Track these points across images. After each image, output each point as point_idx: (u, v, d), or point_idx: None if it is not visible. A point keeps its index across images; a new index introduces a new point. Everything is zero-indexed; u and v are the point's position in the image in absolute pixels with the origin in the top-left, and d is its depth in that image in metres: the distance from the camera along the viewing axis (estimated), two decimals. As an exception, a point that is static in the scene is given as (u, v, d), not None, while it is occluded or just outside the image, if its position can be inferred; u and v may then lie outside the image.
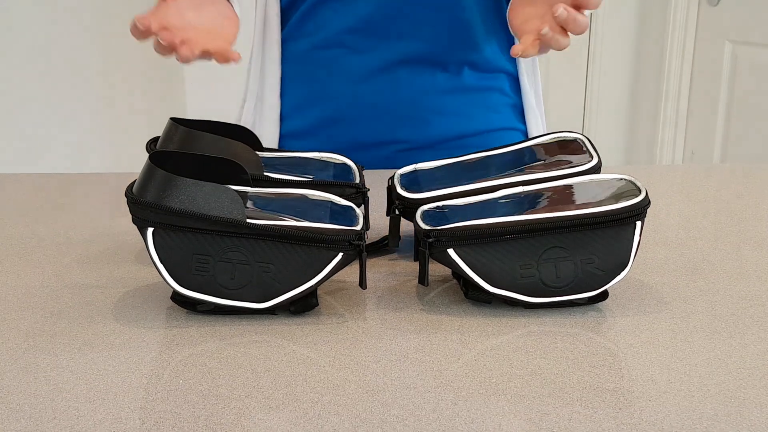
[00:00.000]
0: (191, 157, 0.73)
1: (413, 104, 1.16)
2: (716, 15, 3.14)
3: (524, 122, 1.27)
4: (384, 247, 0.87)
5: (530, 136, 1.24)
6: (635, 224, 0.71)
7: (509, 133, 1.23)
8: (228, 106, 1.49)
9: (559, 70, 3.41)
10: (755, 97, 2.93)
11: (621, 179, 0.76)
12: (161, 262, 0.68)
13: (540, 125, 1.28)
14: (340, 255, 0.70)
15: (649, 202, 0.72)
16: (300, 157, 0.88)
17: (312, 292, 0.71)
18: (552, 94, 3.40)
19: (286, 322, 0.71)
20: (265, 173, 0.81)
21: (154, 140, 0.84)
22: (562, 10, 0.84)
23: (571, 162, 0.81)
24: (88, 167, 2.87)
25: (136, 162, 0.80)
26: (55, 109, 2.82)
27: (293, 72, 1.22)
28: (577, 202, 0.73)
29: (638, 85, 3.55)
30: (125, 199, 0.69)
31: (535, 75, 1.27)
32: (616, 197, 0.72)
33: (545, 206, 0.73)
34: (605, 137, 3.56)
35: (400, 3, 1.14)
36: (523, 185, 0.78)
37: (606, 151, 3.39)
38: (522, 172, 0.81)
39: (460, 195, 0.79)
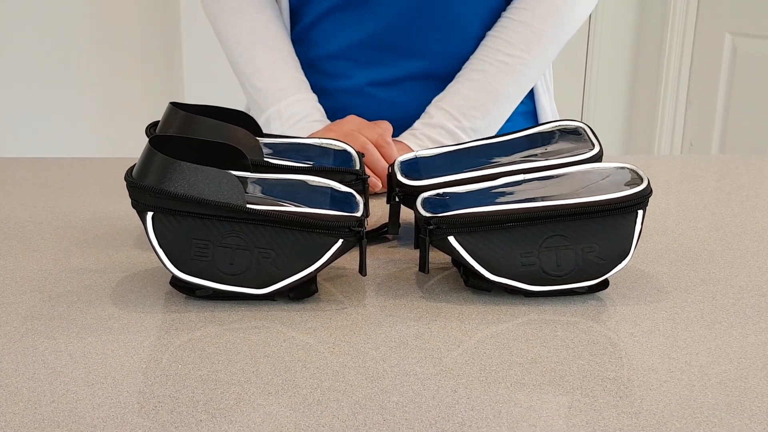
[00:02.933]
0: (191, 142, 0.73)
1: (417, 119, 1.15)
2: (716, 6, 3.13)
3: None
4: (384, 234, 0.87)
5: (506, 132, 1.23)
6: (637, 213, 0.71)
7: None
8: (226, 93, 1.49)
9: (558, 60, 3.40)
10: (754, 89, 2.92)
11: (623, 168, 0.76)
12: (160, 246, 0.68)
13: None
14: (340, 241, 0.69)
15: (651, 190, 0.72)
16: (300, 143, 0.88)
17: (311, 279, 0.71)
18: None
19: (286, 308, 0.70)
20: (265, 159, 0.81)
21: (154, 124, 0.84)
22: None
23: (573, 150, 0.81)
24: (87, 151, 2.87)
25: (136, 146, 0.80)
26: (54, 94, 2.81)
27: None
28: (579, 191, 0.73)
29: (637, 76, 3.54)
30: (125, 183, 0.69)
31: (549, 76, 1.27)
32: (618, 186, 0.72)
33: (546, 194, 0.73)
34: (604, 127, 3.55)
35: (408, 19, 1.13)
36: (524, 173, 0.78)
37: (604, 141, 3.38)
38: (523, 159, 0.81)
39: (461, 182, 0.78)
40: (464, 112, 1.10)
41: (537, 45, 1.12)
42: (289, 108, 1.12)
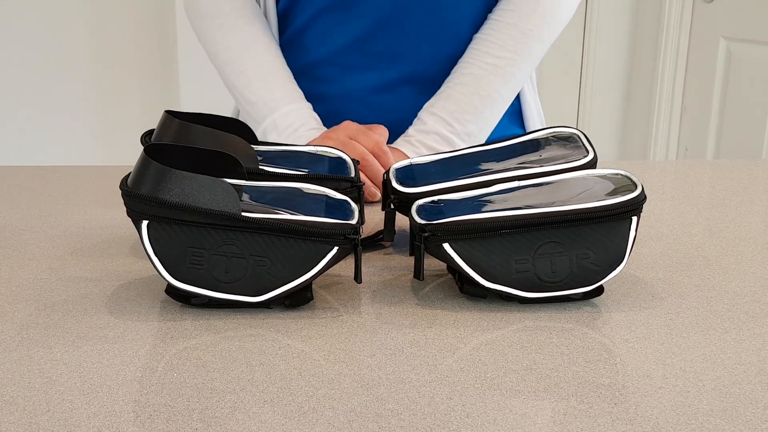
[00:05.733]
0: (186, 150, 0.73)
1: (410, 123, 1.15)
2: (711, 11, 3.14)
3: (523, 126, 1.26)
4: (379, 241, 0.87)
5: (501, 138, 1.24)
6: (631, 219, 0.71)
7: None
8: (221, 100, 1.49)
9: (554, 66, 3.41)
10: (749, 94, 2.93)
11: (617, 174, 0.76)
12: (156, 255, 0.68)
13: (538, 123, 1.27)
14: (336, 249, 0.69)
15: (646, 197, 0.72)
16: (295, 151, 0.88)
17: (307, 286, 0.71)
18: (546, 90, 3.40)
19: (281, 315, 0.70)
20: (260, 166, 0.81)
21: (149, 133, 0.84)
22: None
23: (567, 157, 0.81)
24: (82, 160, 2.87)
25: (131, 155, 0.80)
26: (50, 101, 2.81)
27: None
28: (573, 197, 0.73)
29: (632, 82, 3.55)
30: (120, 191, 0.69)
31: (532, 77, 1.27)
32: (612, 192, 0.72)
33: (541, 201, 0.73)
34: (599, 133, 3.56)
35: (397, 21, 1.14)
36: (518, 180, 0.78)
37: (599, 147, 3.38)
38: (518, 166, 0.81)
39: (456, 189, 0.79)
40: (457, 117, 1.10)
41: (525, 45, 1.13)
42: (284, 118, 1.12)
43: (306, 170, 0.83)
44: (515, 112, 1.24)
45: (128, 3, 2.95)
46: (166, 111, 0.82)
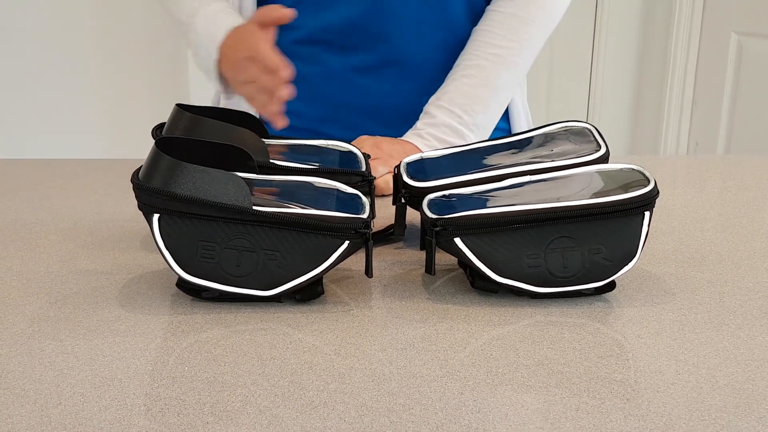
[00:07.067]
0: (197, 144, 0.73)
1: (396, 106, 1.15)
2: (722, 5, 3.12)
3: (508, 120, 1.26)
4: (390, 235, 0.87)
5: (513, 133, 1.24)
6: (644, 214, 0.71)
7: (493, 132, 1.22)
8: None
9: (564, 61, 3.40)
10: (760, 89, 2.91)
11: (630, 169, 0.75)
12: (167, 248, 0.68)
13: (524, 121, 1.27)
14: (346, 243, 0.69)
15: (658, 192, 0.71)
16: (306, 145, 0.88)
17: (318, 281, 0.71)
18: (556, 85, 3.39)
19: (292, 310, 0.70)
20: (271, 160, 0.81)
21: (160, 126, 0.84)
22: None
23: (579, 151, 0.80)
24: (93, 153, 2.87)
25: (142, 148, 0.80)
26: (61, 95, 2.82)
27: None
28: (586, 192, 0.72)
29: (643, 76, 3.53)
30: (131, 185, 0.69)
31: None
32: (625, 187, 0.72)
33: (553, 196, 0.72)
34: (609, 128, 3.55)
35: (381, 6, 1.14)
36: (530, 174, 0.77)
37: (610, 141, 3.36)
38: (529, 161, 0.80)
39: (467, 184, 0.78)
40: (465, 109, 1.11)
41: (526, 34, 1.14)
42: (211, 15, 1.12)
43: (317, 164, 0.82)
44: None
45: (138, -3, 2.95)
46: (177, 104, 0.81)
